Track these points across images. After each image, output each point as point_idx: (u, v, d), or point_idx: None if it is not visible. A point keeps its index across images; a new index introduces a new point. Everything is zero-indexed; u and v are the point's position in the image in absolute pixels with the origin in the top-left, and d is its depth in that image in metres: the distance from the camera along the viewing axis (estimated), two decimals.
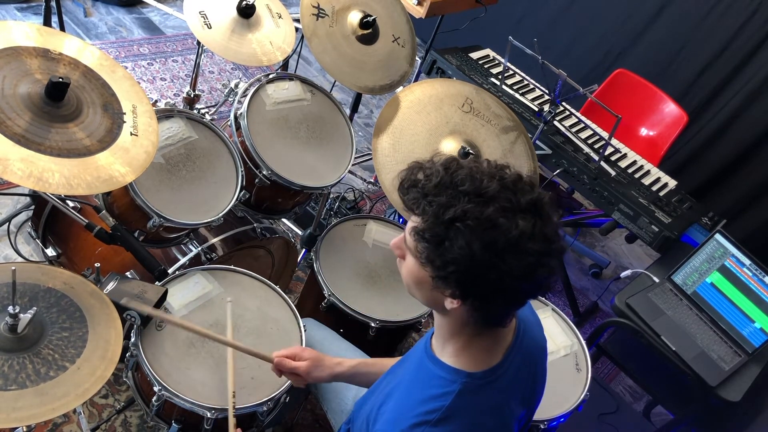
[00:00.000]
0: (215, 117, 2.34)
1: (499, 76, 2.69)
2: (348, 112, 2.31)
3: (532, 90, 2.83)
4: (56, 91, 1.36)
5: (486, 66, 2.85)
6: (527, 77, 2.86)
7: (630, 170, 2.64)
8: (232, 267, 1.73)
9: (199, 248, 1.87)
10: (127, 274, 1.83)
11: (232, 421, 1.37)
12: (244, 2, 2.01)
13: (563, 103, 2.67)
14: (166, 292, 1.53)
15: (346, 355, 1.67)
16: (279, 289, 1.73)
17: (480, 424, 1.09)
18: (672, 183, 2.68)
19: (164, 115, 1.80)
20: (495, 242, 0.96)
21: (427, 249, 1.01)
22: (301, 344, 1.62)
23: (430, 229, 0.99)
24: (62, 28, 2.68)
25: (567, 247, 1.05)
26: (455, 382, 1.08)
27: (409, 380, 1.17)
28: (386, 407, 1.15)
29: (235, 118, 1.92)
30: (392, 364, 1.41)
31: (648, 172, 2.68)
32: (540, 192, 1.02)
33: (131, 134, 1.48)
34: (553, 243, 1.01)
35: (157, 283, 1.59)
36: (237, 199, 1.82)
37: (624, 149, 2.74)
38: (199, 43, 2.19)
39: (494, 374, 1.10)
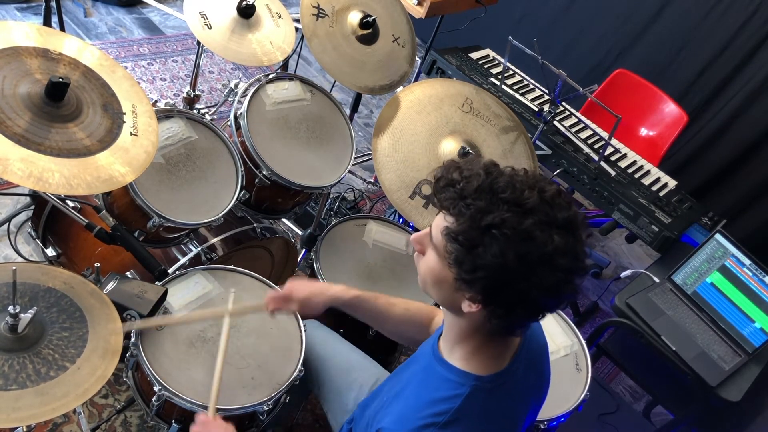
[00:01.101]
0: (215, 117, 2.34)
1: (499, 76, 2.69)
2: (348, 112, 2.31)
3: (532, 90, 2.83)
4: (56, 91, 1.36)
5: (486, 66, 2.85)
6: (527, 77, 2.86)
7: (630, 170, 2.64)
8: (232, 267, 1.73)
9: (199, 248, 1.87)
10: (127, 274, 1.83)
11: (212, 408, 1.36)
12: (244, 2, 2.01)
13: (563, 103, 2.67)
14: (166, 292, 1.53)
15: (348, 357, 1.67)
16: (279, 290, 1.73)
17: (488, 427, 1.09)
18: (672, 183, 2.68)
19: (164, 115, 1.80)
20: (529, 254, 0.96)
21: (458, 251, 1.00)
22: (301, 345, 1.62)
23: (465, 232, 0.98)
24: (62, 28, 2.68)
25: (592, 268, 1.06)
26: (464, 385, 1.08)
27: (417, 382, 1.17)
28: (393, 408, 1.15)
29: (235, 118, 1.92)
30: (394, 301, 1.45)
31: (648, 172, 2.68)
32: (576, 210, 1.02)
33: (131, 134, 1.48)
34: (582, 262, 1.01)
35: (157, 283, 1.59)
36: (237, 199, 1.82)
37: (624, 149, 2.75)
38: (199, 43, 2.19)
39: (503, 378, 1.10)
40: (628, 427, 2.36)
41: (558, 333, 1.89)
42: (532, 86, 2.85)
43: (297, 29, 2.13)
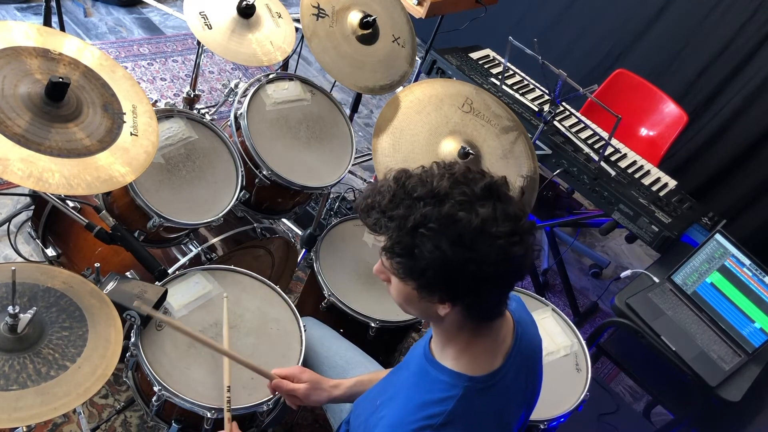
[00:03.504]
0: (215, 117, 2.34)
1: (499, 76, 2.69)
2: (348, 112, 2.31)
3: (532, 90, 2.83)
4: (56, 91, 1.36)
5: (486, 66, 2.85)
6: (527, 77, 2.86)
7: (630, 170, 2.64)
8: (232, 267, 1.73)
9: (199, 248, 1.87)
10: (127, 274, 1.83)
11: (227, 415, 1.37)
12: (244, 2, 2.01)
13: (563, 103, 2.67)
14: (166, 292, 1.53)
15: (346, 355, 1.67)
16: (279, 289, 1.73)
17: (482, 428, 1.09)
18: (672, 183, 2.67)
19: (164, 115, 1.80)
20: (461, 236, 0.97)
21: (401, 263, 1.01)
22: (301, 345, 1.62)
23: (397, 242, 1.00)
24: (62, 28, 2.68)
25: (534, 225, 1.06)
26: (457, 386, 1.08)
27: (409, 385, 1.17)
28: (386, 411, 1.15)
29: (235, 118, 1.92)
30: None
31: (648, 172, 2.68)
32: (492, 176, 1.03)
33: (131, 134, 1.48)
34: (519, 221, 1.01)
35: (157, 283, 1.59)
36: (237, 199, 1.82)
37: (624, 149, 2.74)
38: (199, 43, 2.19)
39: (496, 378, 1.10)
40: (628, 427, 2.36)
41: (558, 333, 1.89)
42: (532, 86, 2.85)
43: (297, 29, 2.13)
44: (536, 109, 2.63)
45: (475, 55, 2.89)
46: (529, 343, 1.21)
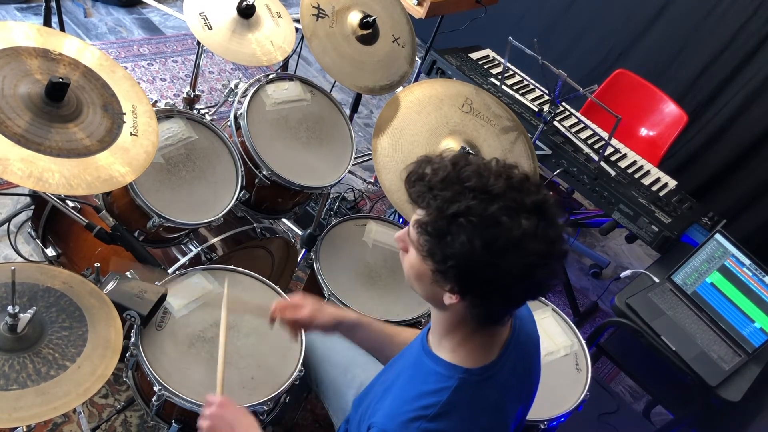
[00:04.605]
0: (215, 117, 2.34)
1: (499, 77, 2.69)
2: (348, 112, 2.31)
3: (532, 90, 2.83)
4: (56, 91, 1.36)
5: (486, 66, 2.85)
6: (527, 77, 2.86)
7: (630, 170, 2.64)
8: (232, 267, 1.74)
9: (199, 248, 1.87)
10: (127, 274, 1.83)
11: (220, 386, 1.35)
12: (244, 2, 2.01)
13: (563, 104, 2.67)
14: (166, 292, 1.53)
15: (348, 355, 1.67)
16: (279, 289, 1.73)
17: (476, 420, 1.09)
18: (672, 183, 2.68)
19: (164, 115, 1.80)
20: (496, 240, 0.96)
21: (429, 242, 1.01)
22: (301, 345, 1.62)
23: (433, 222, 1.00)
24: (62, 29, 2.68)
25: (569, 250, 1.05)
26: (452, 378, 1.08)
27: (406, 376, 1.17)
28: (383, 403, 1.15)
29: (235, 118, 1.92)
30: (393, 331, 1.44)
31: (648, 172, 2.68)
32: (546, 194, 1.02)
33: (131, 134, 1.48)
34: (555, 245, 1.01)
35: (157, 283, 1.59)
36: (237, 199, 1.82)
37: (624, 149, 2.74)
38: (199, 43, 2.19)
39: (491, 370, 1.11)
40: (628, 427, 2.37)
41: (558, 333, 1.89)
42: (532, 86, 2.85)
43: (297, 29, 2.13)
44: (536, 109, 2.63)
45: (475, 56, 2.89)
46: (527, 337, 1.21)
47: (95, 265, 1.61)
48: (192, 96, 2.35)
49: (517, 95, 2.72)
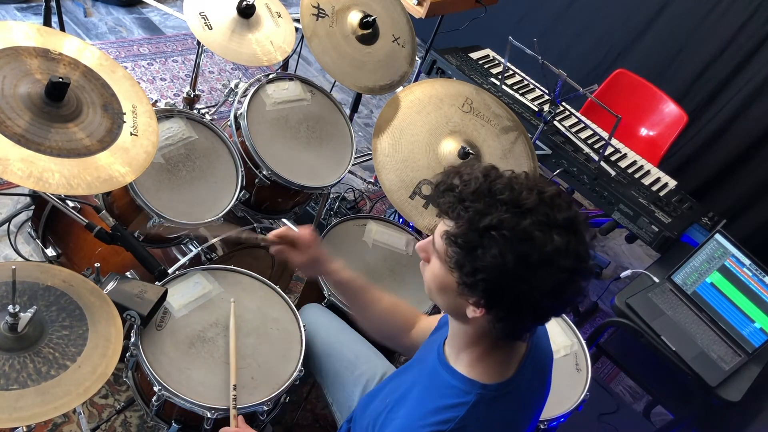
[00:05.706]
0: (215, 117, 2.34)
1: (499, 76, 2.69)
2: (348, 112, 2.31)
3: (532, 90, 2.83)
4: (56, 91, 1.36)
5: (486, 66, 2.85)
6: (527, 77, 2.86)
7: (630, 170, 2.64)
8: (232, 267, 1.73)
9: (199, 248, 1.87)
10: (127, 274, 1.83)
11: (233, 412, 1.39)
12: (244, 2, 2.01)
13: (563, 103, 2.67)
14: (166, 292, 1.53)
15: (354, 348, 1.66)
16: (279, 289, 1.73)
17: None
18: (672, 183, 2.68)
19: (164, 115, 1.80)
20: (528, 255, 0.95)
21: (458, 254, 1.00)
22: (301, 346, 1.62)
23: (463, 234, 0.99)
24: (62, 28, 2.68)
25: (595, 269, 1.06)
26: (470, 393, 1.07)
27: (421, 386, 1.16)
28: (397, 413, 1.15)
29: (235, 118, 1.92)
30: (384, 296, 1.47)
31: (648, 172, 2.68)
32: (576, 210, 1.01)
33: (131, 134, 1.48)
34: (585, 262, 1.00)
35: (157, 283, 1.59)
36: (237, 199, 1.82)
37: (624, 149, 2.75)
38: (199, 43, 2.19)
39: (508, 387, 1.10)
40: (628, 427, 2.36)
41: (558, 333, 1.89)
42: (532, 86, 2.85)
43: (297, 29, 2.13)
44: (536, 109, 2.63)
45: (475, 55, 2.89)
46: (542, 353, 1.21)
47: (95, 265, 1.61)
48: (192, 96, 2.35)
49: (517, 95, 2.72)
